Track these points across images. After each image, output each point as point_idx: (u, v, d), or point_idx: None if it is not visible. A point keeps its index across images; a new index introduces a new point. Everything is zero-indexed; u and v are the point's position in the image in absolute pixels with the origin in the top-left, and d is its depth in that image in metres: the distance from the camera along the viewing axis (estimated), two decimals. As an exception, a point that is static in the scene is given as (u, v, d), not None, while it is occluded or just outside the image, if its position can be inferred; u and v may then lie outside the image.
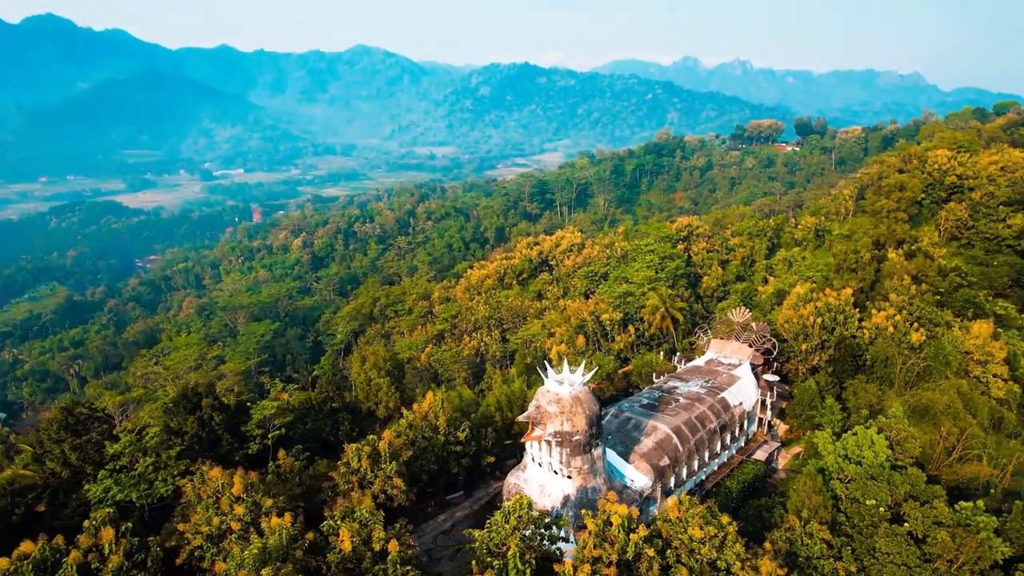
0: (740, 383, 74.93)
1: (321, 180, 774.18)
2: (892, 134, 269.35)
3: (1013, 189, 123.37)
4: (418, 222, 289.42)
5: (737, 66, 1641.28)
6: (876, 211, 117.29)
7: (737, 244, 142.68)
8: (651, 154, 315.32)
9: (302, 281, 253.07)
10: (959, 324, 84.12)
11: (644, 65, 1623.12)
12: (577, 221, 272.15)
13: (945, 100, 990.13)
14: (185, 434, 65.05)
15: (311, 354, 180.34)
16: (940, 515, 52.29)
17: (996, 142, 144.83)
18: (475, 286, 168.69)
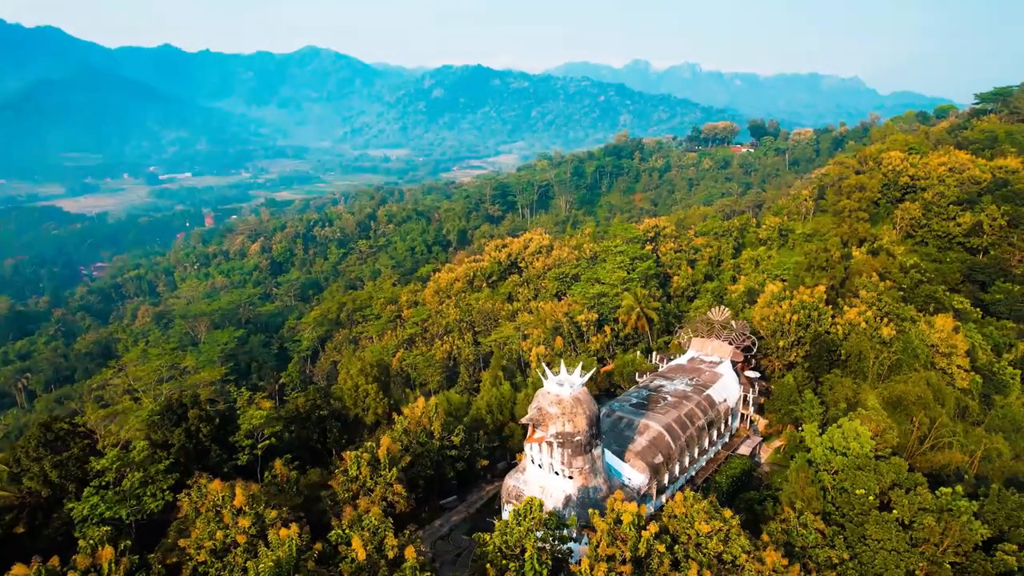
0: (723, 380, 76.88)
1: (273, 184, 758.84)
2: (842, 136, 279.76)
3: (961, 189, 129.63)
4: (379, 225, 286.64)
5: (687, 69, 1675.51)
6: (838, 211, 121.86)
7: (703, 244, 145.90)
8: (611, 156, 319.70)
9: (262, 287, 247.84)
10: (922, 319, 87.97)
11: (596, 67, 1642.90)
12: (539, 223, 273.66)
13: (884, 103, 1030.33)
14: (171, 447, 63.45)
15: (277, 361, 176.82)
16: (924, 501, 54.70)
17: (943, 144, 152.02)
18: (444, 289, 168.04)
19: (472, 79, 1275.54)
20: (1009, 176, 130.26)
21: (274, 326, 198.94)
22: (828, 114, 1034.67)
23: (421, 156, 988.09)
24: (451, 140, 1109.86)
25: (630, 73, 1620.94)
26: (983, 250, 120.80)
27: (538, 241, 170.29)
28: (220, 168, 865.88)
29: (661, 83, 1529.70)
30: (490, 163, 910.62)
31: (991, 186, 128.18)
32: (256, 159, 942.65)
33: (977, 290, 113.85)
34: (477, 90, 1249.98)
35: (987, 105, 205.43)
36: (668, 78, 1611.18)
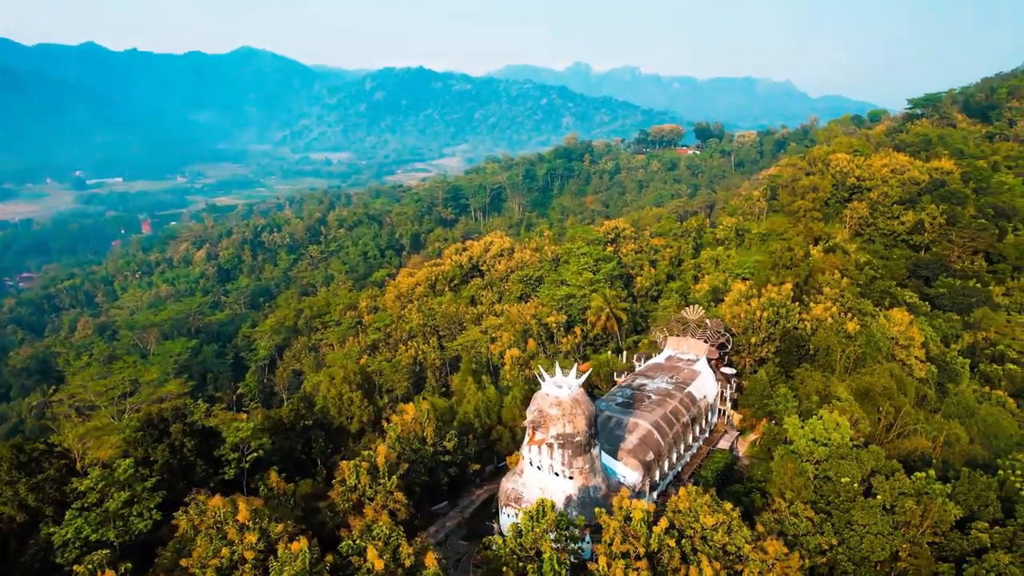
0: (701, 377, 79.11)
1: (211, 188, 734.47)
2: (784, 138, 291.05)
3: (903, 189, 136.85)
4: (330, 230, 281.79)
5: (627, 71, 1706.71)
6: (793, 211, 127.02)
7: (663, 245, 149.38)
8: (561, 158, 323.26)
9: (211, 295, 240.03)
10: (880, 313, 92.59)
11: (538, 70, 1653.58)
12: (493, 226, 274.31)
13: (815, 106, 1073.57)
14: (154, 463, 61.35)
15: (233, 371, 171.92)
16: (903, 486, 57.77)
17: (883, 147, 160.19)
18: (406, 294, 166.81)
19: (414, 81, 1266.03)
20: (945, 177, 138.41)
21: (227, 335, 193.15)
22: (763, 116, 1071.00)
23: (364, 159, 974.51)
24: (394, 143, 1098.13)
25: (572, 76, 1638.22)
26: (925, 247, 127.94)
27: (499, 244, 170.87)
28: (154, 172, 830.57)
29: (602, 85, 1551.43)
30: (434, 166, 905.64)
31: (929, 186, 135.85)
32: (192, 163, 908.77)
33: (922, 285, 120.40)
34: (419, 92, 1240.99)
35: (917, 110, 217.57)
36: (609, 81, 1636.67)
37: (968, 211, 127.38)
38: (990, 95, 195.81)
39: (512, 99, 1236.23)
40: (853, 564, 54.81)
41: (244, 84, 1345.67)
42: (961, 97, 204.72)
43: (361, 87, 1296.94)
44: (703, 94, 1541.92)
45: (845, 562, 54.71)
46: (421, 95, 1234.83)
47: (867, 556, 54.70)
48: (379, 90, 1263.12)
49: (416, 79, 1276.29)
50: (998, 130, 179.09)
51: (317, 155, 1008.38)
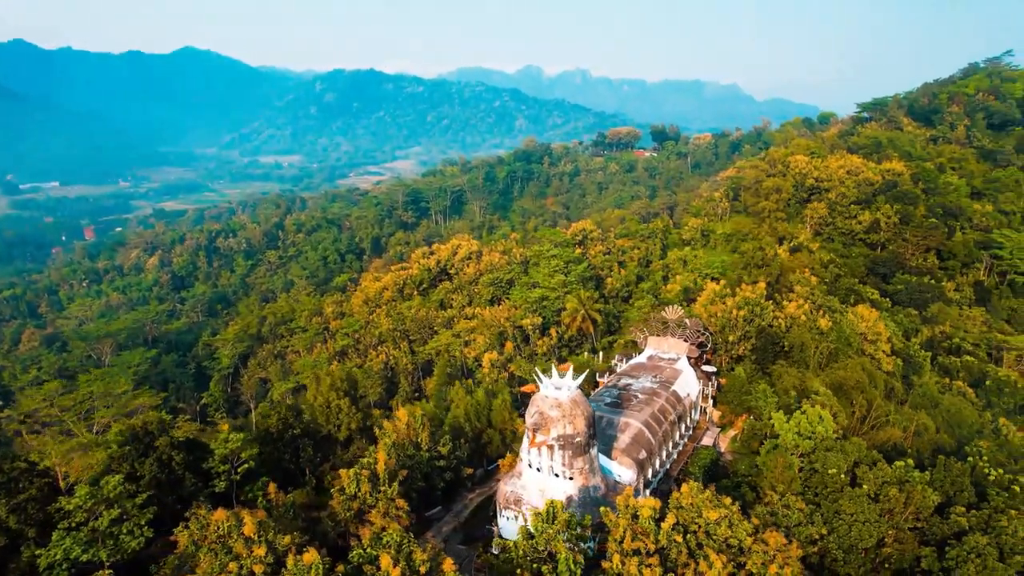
0: (684, 376, 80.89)
1: (157, 193, 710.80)
2: (738, 140, 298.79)
3: (859, 190, 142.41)
4: (288, 235, 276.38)
5: (577, 74, 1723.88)
6: (758, 211, 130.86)
7: (631, 246, 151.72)
8: (521, 161, 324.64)
9: (167, 303, 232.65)
10: (847, 310, 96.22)
11: (489, 73, 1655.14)
12: (455, 229, 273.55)
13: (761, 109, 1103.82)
14: (141, 478, 59.50)
15: (195, 381, 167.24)
16: (886, 475, 60.37)
17: (837, 149, 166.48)
18: (373, 298, 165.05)
19: (365, 83, 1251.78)
20: (896, 178, 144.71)
21: (186, 344, 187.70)
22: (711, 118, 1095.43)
23: (315, 162, 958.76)
24: (346, 146, 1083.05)
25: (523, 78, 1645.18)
26: (881, 245, 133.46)
27: (467, 247, 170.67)
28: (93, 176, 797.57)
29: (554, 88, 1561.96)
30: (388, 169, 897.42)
31: (883, 187, 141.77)
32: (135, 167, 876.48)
33: (880, 282, 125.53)
34: (371, 95, 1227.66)
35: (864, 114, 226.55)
36: (560, 83, 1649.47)
37: (919, 211, 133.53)
38: (932, 100, 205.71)
39: (465, 101, 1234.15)
40: (843, 552, 56.97)
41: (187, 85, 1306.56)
42: (906, 102, 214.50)
43: (310, 89, 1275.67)
44: (653, 97, 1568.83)
45: (836, 550, 56.82)
46: (372, 97, 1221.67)
47: (855, 543, 56.89)
48: (329, 92, 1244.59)
49: (367, 81, 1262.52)
50: (941, 133, 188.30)
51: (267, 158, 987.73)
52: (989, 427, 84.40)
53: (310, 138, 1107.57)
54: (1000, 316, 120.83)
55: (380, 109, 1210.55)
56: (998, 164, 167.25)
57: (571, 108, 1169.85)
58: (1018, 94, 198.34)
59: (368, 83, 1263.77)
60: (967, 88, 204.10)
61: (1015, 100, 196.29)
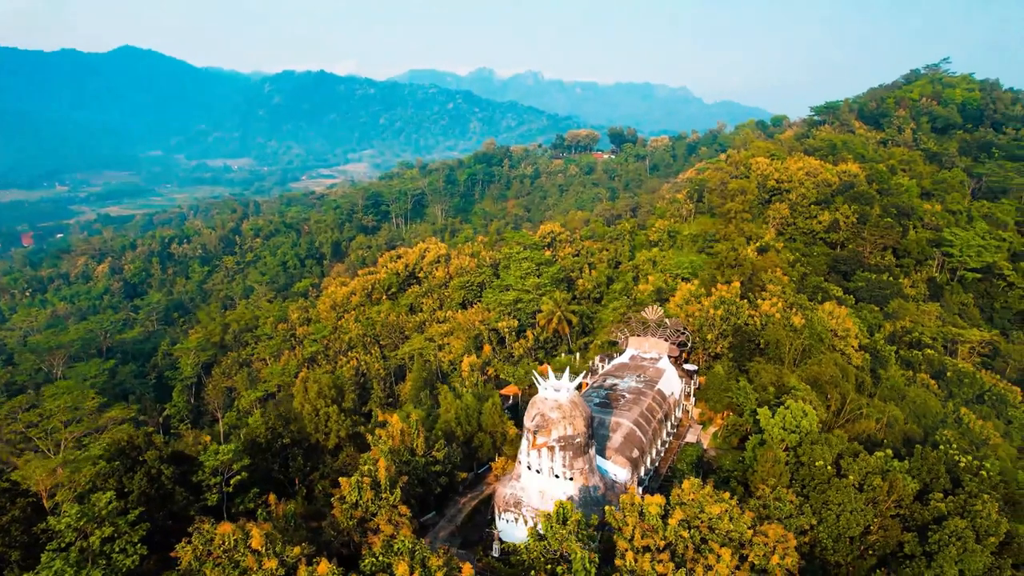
0: (667, 375, 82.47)
1: (99, 198, 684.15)
2: (695, 142, 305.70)
3: (818, 191, 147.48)
4: (245, 240, 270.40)
5: (529, 77, 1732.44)
6: (724, 213, 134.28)
7: (599, 248, 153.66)
8: (481, 163, 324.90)
9: (117, 311, 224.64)
10: (817, 307, 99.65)
11: (441, 75, 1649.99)
12: (417, 232, 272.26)
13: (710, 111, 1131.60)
14: (129, 494, 57.70)
15: (156, 392, 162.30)
16: (869, 465, 62.86)
17: (795, 151, 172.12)
18: (341, 303, 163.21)
19: (316, 86, 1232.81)
20: (852, 179, 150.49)
21: (144, 354, 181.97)
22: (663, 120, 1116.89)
23: (266, 165, 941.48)
24: (297, 149, 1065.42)
25: (475, 81, 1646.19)
26: (841, 244, 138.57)
27: (435, 250, 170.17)
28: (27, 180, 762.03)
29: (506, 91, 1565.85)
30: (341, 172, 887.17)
31: (840, 188, 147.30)
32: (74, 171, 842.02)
33: (841, 279, 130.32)
34: (322, 97, 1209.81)
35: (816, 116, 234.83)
36: (513, 86, 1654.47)
37: (875, 211, 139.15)
38: (880, 104, 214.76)
39: (418, 104, 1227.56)
40: (832, 540, 59.09)
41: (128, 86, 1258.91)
42: (856, 106, 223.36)
43: (259, 91, 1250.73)
44: (605, 99, 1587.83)
45: (826, 539, 58.91)
46: (324, 99, 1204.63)
47: (844, 532, 59.08)
48: (279, 94, 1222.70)
49: (317, 83, 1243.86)
50: (890, 136, 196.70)
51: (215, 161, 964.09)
52: (952, 416, 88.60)
53: (260, 141, 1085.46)
54: (952, 310, 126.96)
55: (331, 111, 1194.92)
56: (944, 166, 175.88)
57: (525, 110, 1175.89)
58: (958, 99, 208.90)
59: (318, 85, 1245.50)
60: (912, 94, 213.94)
61: (956, 105, 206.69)
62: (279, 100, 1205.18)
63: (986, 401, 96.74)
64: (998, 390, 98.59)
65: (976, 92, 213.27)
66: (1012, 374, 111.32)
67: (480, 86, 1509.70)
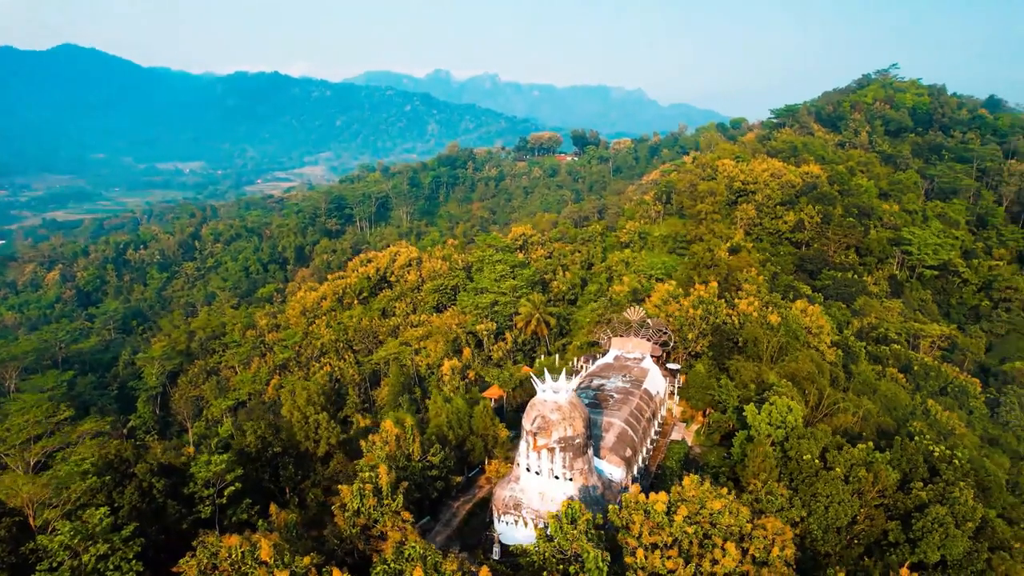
0: (651, 374, 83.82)
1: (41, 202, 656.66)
2: (656, 145, 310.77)
3: (783, 192, 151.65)
4: (205, 245, 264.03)
5: (486, 79, 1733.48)
6: (695, 214, 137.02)
7: (571, 250, 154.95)
8: (445, 166, 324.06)
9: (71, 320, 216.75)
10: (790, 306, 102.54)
11: (398, 77, 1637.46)
12: (382, 235, 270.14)
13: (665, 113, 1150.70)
14: (119, 509, 56.11)
15: (118, 403, 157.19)
16: (853, 457, 65.14)
17: (758, 153, 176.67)
18: (311, 309, 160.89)
19: (270, 87, 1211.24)
20: (815, 180, 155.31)
21: (103, 364, 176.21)
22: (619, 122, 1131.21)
23: (219, 169, 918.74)
24: (252, 152, 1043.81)
25: (432, 83, 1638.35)
26: (806, 244, 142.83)
27: (406, 254, 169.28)
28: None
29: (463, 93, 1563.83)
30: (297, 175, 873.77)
31: (804, 189, 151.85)
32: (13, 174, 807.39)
33: (807, 278, 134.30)
34: (276, 99, 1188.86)
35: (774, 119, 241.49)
36: (470, 88, 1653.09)
37: (838, 211, 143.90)
38: (837, 108, 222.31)
39: (375, 106, 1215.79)
40: (822, 532, 61.04)
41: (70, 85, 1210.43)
42: (813, 109, 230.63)
43: (211, 92, 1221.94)
44: (562, 101, 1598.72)
45: (816, 530, 60.82)
46: (278, 101, 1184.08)
47: (833, 523, 61.11)
48: (231, 95, 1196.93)
49: (271, 85, 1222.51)
50: (847, 138, 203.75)
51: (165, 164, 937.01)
52: (920, 408, 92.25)
53: (212, 143, 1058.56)
54: (912, 306, 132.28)
55: (286, 113, 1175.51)
56: (898, 167, 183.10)
57: (482, 112, 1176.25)
58: (909, 104, 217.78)
59: (272, 86, 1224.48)
60: (866, 98, 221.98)
61: (907, 109, 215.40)
62: (233, 102, 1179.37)
63: (949, 393, 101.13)
64: (959, 382, 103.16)
65: (925, 97, 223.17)
66: (970, 366, 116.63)
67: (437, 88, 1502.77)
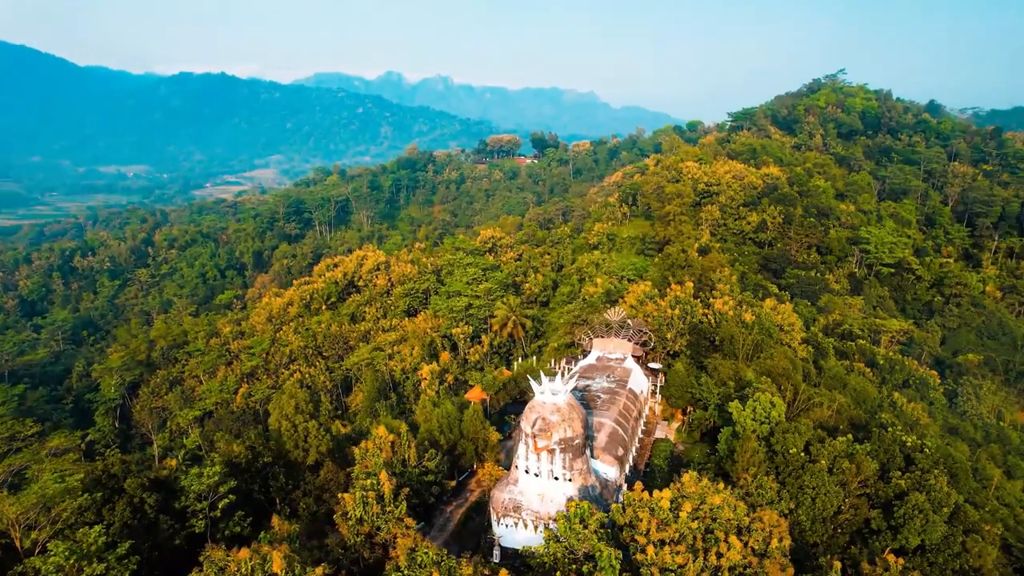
0: (634, 374, 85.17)
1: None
2: (616, 147, 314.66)
3: (745, 193, 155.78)
4: (159, 251, 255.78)
5: (439, 81, 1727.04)
6: (663, 215, 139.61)
7: (541, 252, 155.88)
8: (405, 169, 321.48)
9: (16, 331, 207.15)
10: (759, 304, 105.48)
11: (349, 79, 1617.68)
12: (343, 239, 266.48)
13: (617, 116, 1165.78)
14: (110, 527, 54.21)
15: (74, 417, 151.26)
16: (836, 449, 67.55)
17: (719, 156, 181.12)
18: (278, 315, 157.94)
19: (217, 88, 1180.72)
20: (775, 181, 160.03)
21: (54, 376, 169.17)
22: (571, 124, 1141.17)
23: (165, 172, 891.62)
24: (199, 155, 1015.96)
25: (384, 85, 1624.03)
26: (769, 243, 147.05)
27: (373, 258, 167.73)
28: None
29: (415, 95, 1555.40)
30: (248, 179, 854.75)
31: (765, 190, 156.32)
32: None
33: (772, 277, 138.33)
34: (223, 100, 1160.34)
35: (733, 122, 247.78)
36: (422, 90, 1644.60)
37: (798, 211, 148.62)
38: (791, 111, 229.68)
39: (326, 108, 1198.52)
40: (810, 522, 63.17)
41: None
42: (769, 112, 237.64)
43: (154, 93, 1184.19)
44: (515, 104, 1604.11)
45: (805, 521, 62.86)
46: (226, 103, 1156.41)
47: (820, 513, 63.28)
48: (176, 97, 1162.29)
49: (219, 86, 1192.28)
50: (802, 141, 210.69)
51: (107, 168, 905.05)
52: (887, 401, 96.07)
53: (157, 146, 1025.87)
54: (872, 303, 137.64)
55: (234, 116, 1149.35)
56: (852, 169, 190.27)
57: (436, 115, 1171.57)
58: (859, 107, 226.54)
59: (219, 88, 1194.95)
60: (818, 101, 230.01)
61: (857, 113, 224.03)
62: (178, 103, 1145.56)
63: (911, 385, 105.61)
64: (920, 375, 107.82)
65: (873, 101, 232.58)
66: (927, 360, 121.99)
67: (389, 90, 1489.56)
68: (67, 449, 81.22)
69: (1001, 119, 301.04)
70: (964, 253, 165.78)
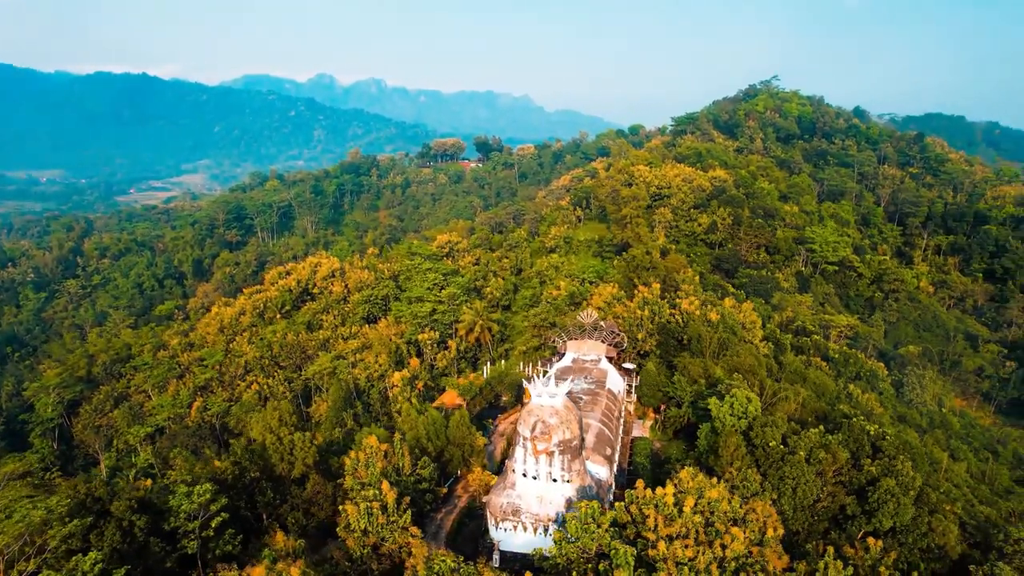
0: (611, 375, 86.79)
1: None
2: (560, 151, 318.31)
3: (695, 196, 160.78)
4: (89, 261, 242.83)
5: (372, 84, 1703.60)
6: (619, 218, 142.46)
7: (498, 256, 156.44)
8: (349, 173, 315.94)
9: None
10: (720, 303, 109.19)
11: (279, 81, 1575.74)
12: (288, 246, 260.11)
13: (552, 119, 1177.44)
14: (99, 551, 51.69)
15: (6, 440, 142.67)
16: (811, 441, 70.82)
17: (667, 159, 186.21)
18: (230, 325, 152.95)
19: (138, 89, 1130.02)
20: (723, 184, 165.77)
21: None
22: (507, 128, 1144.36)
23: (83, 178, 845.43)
24: (120, 159, 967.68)
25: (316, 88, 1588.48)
26: (720, 244, 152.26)
27: (328, 264, 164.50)
28: None
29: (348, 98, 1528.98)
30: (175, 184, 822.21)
31: (714, 192, 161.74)
32: None
33: (724, 276, 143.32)
34: (145, 102, 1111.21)
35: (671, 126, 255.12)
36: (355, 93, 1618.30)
37: (746, 213, 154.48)
38: (732, 116, 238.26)
39: (256, 111, 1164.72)
40: (792, 511, 66.06)
41: None
42: (711, 116, 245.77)
43: (68, 93, 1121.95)
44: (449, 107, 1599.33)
45: (788, 510, 65.68)
46: (148, 105, 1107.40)
47: (801, 502, 66.28)
48: (93, 98, 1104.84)
49: (140, 87, 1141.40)
50: (744, 145, 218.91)
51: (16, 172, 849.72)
52: (844, 393, 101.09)
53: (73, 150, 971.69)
54: (819, 300, 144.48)
55: (158, 118, 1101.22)
56: (792, 172, 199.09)
57: (370, 118, 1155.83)
58: (795, 113, 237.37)
59: (141, 89, 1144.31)
60: (757, 106, 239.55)
61: (794, 118, 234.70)
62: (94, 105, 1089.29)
63: (863, 378, 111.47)
64: (869, 367, 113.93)
65: (808, 107, 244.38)
66: (872, 352, 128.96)
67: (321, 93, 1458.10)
68: (25, 473, 76.39)
69: (916, 124, 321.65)
70: (897, 251, 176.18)
